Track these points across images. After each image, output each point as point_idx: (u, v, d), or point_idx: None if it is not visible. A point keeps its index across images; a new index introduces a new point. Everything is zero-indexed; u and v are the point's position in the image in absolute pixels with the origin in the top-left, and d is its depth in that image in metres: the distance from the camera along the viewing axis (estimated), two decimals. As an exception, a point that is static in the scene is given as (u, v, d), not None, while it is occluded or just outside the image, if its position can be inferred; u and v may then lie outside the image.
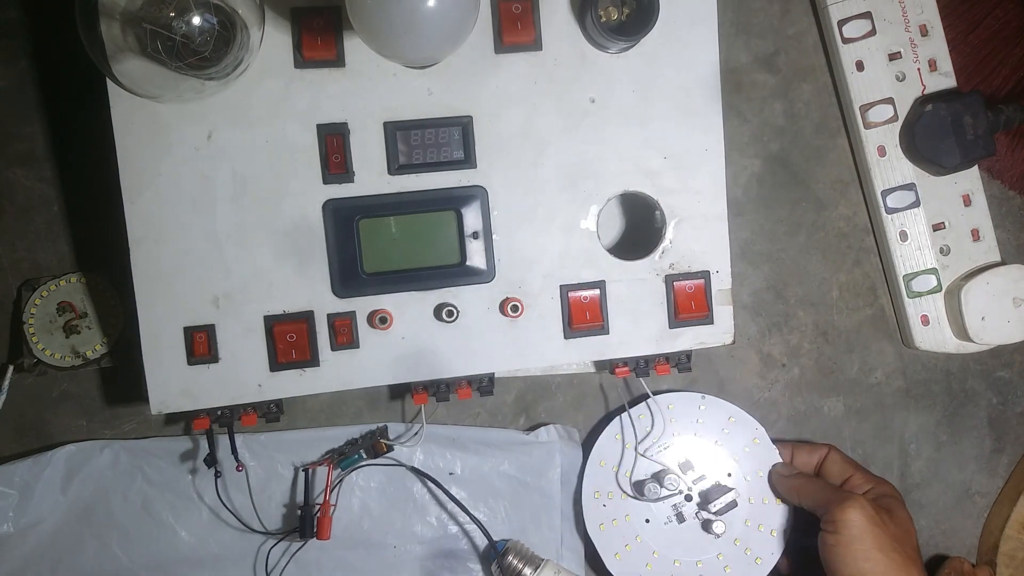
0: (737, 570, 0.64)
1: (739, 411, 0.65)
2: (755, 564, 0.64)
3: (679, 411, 0.65)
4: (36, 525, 0.62)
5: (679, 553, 0.64)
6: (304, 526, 0.61)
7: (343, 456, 0.63)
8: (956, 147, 0.63)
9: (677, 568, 0.64)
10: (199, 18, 0.48)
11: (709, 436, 0.65)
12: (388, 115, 0.56)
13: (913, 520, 0.61)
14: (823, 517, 0.59)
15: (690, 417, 0.65)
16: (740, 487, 0.64)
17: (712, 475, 0.64)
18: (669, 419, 0.65)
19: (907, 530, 0.60)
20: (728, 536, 0.64)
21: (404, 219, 0.57)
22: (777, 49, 0.67)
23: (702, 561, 0.64)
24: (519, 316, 0.57)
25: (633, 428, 0.64)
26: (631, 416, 0.64)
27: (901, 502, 0.62)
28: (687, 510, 0.64)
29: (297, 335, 0.56)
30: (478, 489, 0.65)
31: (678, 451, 0.65)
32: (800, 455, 0.65)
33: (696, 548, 0.64)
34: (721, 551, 0.64)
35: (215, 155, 0.55)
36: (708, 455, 0.65)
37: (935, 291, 0.66)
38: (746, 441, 0.65)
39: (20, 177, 0.62)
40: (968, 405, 0.70)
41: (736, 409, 0.65)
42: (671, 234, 0.59)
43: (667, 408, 0.65)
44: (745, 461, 0.65)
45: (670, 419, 0.65)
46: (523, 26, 0.56)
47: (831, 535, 0.58)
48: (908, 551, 0.58)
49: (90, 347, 0.62)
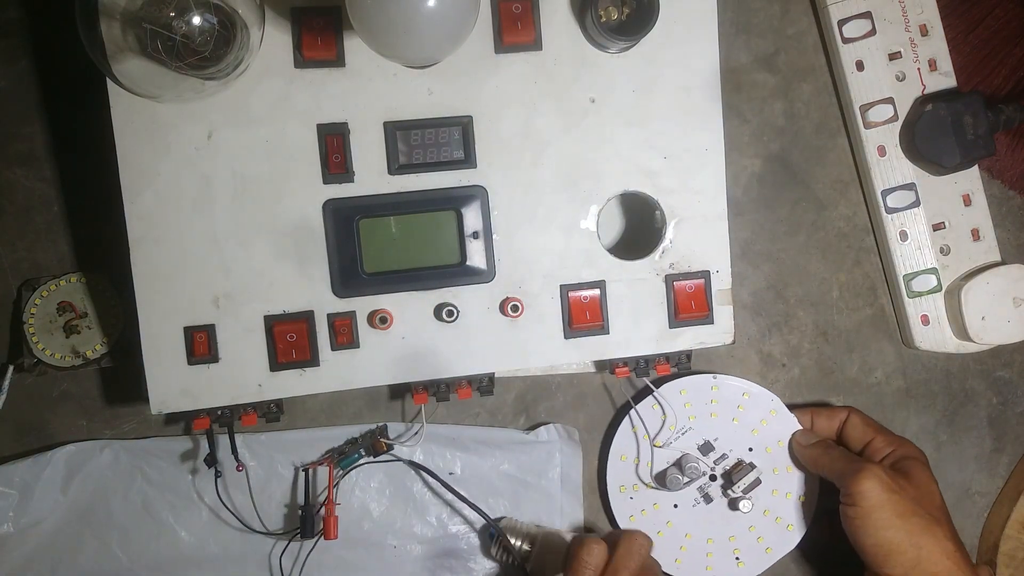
0: (771, 539, 0.64)
1: (752, 385, 0.65)
2: (787, 531, 0.65)
3: (692, 394, 0.65)
4: (36, 525, 0.62)
5: (712, 532, 0.64)
6: (305, 526, 0.61)
7: (343, 455, 0.63)
8: (956, 147, 0.63)
9: (712, 547, 0.64)
10: (199, 18, 0.48)
11: (726, 414, 0.65)
12: (388, 115, 0.56)
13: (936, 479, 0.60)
14: (841, 490, 0.59)
15: (704, 398, 0.65)
16: (763, 460, 0.64)
17: (734, 452, 0.64)
18: (684, 403, 0.64)
19: (928, 491, 0.59)
20: (757, 508, 0.64)
21: (404, 219, 0.57)
22: (777, 49, 0.67)
23: (735, 536, 0.64)
24: (519, 316, 0.57)
25: (643, 423, 0.64)
26: (638, 412, 0.64)
27: (922, 462, 0.61)
28: (713, 490, 0.64)
29: (297, 335, 0.56)
30: (478, 489, 0.65)
31: (697, 434, 0.64)
32: (820, 421, 0.65)
33: (727, 525, 0.64)
34: (753, 523, 0.64)
35: (215, 155, 0.55)
36: (728, 433, 0.65)
37: (935, 291, 0.66)
38: (763, 413, 0.65)
39: (20, 177, 0.62)
40: (968, 405, 0.70)
41: (749, 384, 0.65)
42: (671, 234, 0.59)
43: (680, 393, 0.64)
44: (765, 433, 0.65)
45: (685, 403, 0.64)
46: (523, 26, 0.56)
47: (850, 507, 0.57)
48: (931, 511, 0.58)
49: (90, 347, 0.62)
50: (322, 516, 0.61)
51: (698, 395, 0.65)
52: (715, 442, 0.65)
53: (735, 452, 0.65)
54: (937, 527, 0.57)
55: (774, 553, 0.65)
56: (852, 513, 0.57)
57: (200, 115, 0.54)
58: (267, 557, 0.64)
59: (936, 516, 0.58)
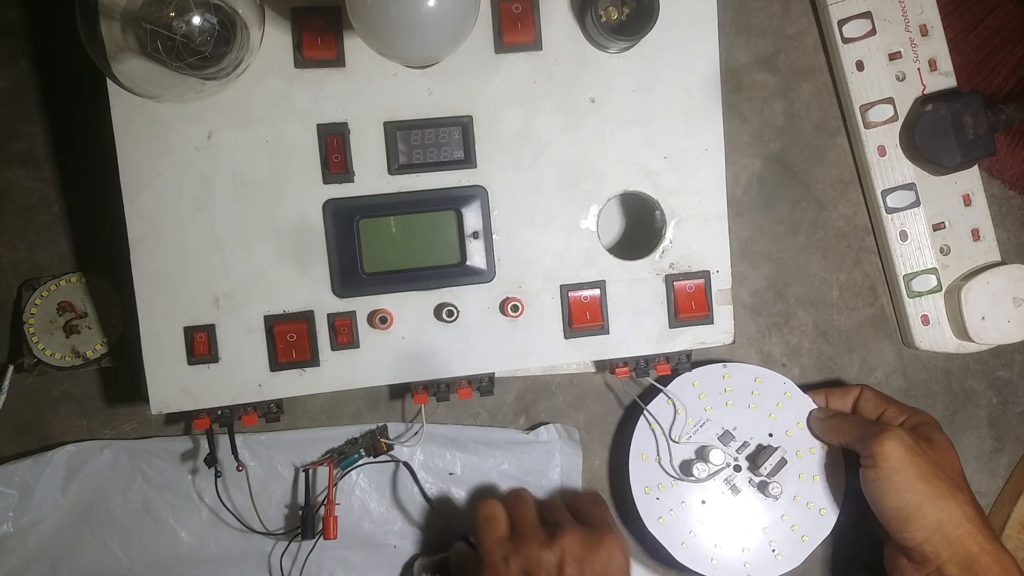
0: (804, 526, 0.63)
1: (763, 370, 0.64)
2: (820, 516, 0.63)
3: (705, 385, 0.64)
4: (36, 525, 0.62)
5: (744, 524, 0.63)
6: (306, 527, 0.61)
7: (343, 456, 0.63)
8: (956, 147, 0.63)
9: (746, 541, 0.63)
10: (199, 18, 0.48)
11: (741, 401, 0.64)
12: (388, 115, 0.56)
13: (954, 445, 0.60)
14: (862, 453, 0.58)
15: (717, 388, 0.64)
16: (784, 444, 0.63)
17: (755, 439, 0.64)
18: (698, 395, 0.64)
19: (948, 455, 0.58)
20: (786, 495, 0.63)
21: (404, 219, 0.57)
22: (777, 49, 0.67)
23: (767, 527, 0.63)
24: (519, 316, 0.57)
25: (657, 421, 0.64)
26: (650, 413, 0.63)
27: (939, 428, 0.60)
28: (739, 481, 0.64)
29: (297, 335, 0.56)
30: (478, 488, 0.65)
31: (715, 425, 0.64)
32: (834, 399, 0.64)
33: (758, 516, 0.63)
34: (784, 512, 0.63)
35: (215, 155, 0.55)
36: (745, 420, 0.64)
37: (935, 291, 0.66)
38: (778, 397, 0.64)
39: (20, 177, 0.62)
40: (968, 405, 0.70)
41: (760, 369, 0.65)
42: (671, 234, 0.59)
43: (692, 385, 0.64)
44: (782, 417, 0.64)
45: (699, 395, 0.64)
46: (523, 26, 0.56)
47: (871, 470, 0.57)
48: (951, 475, 0.57)
49: (90, 347, 0.62)
50: (322, 516, 0.61)
51: (711, 386, 0.64)
52: (734, 431, 0.64)
53: (756, 438, 0.64)
54: (959, 492, 0.56)
55: (810, 541, 0.63)
56: (873, 475, 0.56)
57: (200, 115, 0.54)
58: (267, 557, 0.64)
59: (957, 482, 0.57)
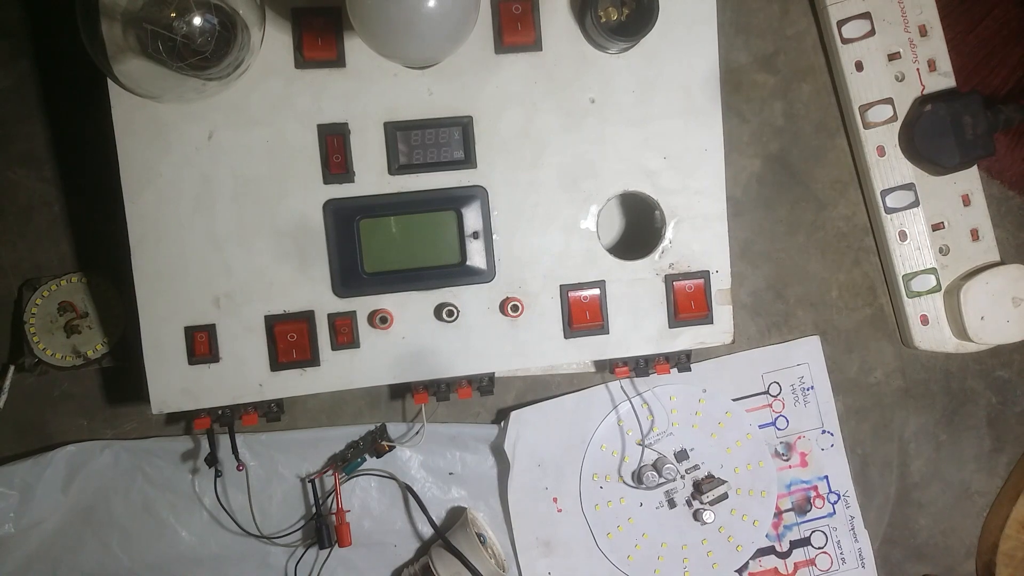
0: (719, 556, 0.67)
1: (736, 407, 0.66)
2: (736, 552, 0.67)
3: (680, 401, 0.66)
4: (37, 525, 0.62)
5: (667, 537, 0.66)
6: (321, 536, 0.62)
7: (346, 462, 0.63)
8: (955, 147, 0.63)
9: (664, 550, 0.66)
10: (200, 18, 0.48)
11: (706, 428, 0.66)
12: (388, 115, 0.56)
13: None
14: None
15: (690, 408, 0.66)
16: (731, 479, 0.66)
17: (706, 465, 0.66)
18: (671, 408, 0.66)
19: None
20: (714, 524, 0.66)
21: (404, 219, 0.57)
22: (777, 49, 0.67)
23: (687, 545, 0.66)
24: (519, 316, 0.57)
25: (637, 416, 0.65)
26: (635, 406, 0.65)
27: None
28: (679, 497, 0.66)
29: (298, 335, 0.56)
30: (478, 488, 0.65)
31: (676, 440, 0.66)
32: None
33: (683, 533, 0.66)
34: (706, 537, 0.66)
35: (216, 155, 0.55)
36: (704, 446, 0.66)
37: (934, 291, 0.66)
38: (740, 436, 0.66)
39: (20, 177, 0.62)
40: (967, 405, 0.70)
41: (733, 405, 0.66)
42: (671, 234, 0.59)
43: (668, 399, 0.66)
44: (738, 454, 0.66)
45: (672, 408, 0.66)
46: (523, 26, 0.56)
47: None
48: None
49: (91, 347, 0.62)
50: (334, 525, 0.62)
51: (686, 404, 0.66)
52: (691, 452, 0.66)
53: (707, 465, 0.66)
54: None
55: (720, 570, 0.67)
56: None
57: (201, 115, 0.54)
58: (267, 557, 0.64)
59: None
